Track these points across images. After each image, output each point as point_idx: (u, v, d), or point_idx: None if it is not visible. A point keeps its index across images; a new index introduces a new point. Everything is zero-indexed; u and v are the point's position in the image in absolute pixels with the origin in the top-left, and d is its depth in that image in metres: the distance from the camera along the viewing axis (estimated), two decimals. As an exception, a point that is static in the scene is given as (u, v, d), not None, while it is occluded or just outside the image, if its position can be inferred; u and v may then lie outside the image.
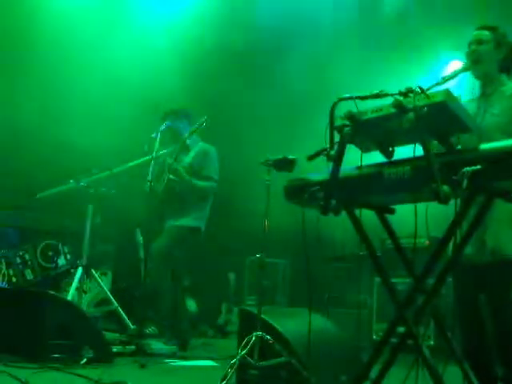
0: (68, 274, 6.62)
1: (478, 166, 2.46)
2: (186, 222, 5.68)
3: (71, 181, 5.54)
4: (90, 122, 6.74)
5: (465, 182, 2.47)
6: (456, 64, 3.39)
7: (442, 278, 2.84)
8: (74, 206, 6.09)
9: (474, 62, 3.38)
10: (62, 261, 6.81)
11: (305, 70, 7.38)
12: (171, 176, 5.52)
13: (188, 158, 5.76)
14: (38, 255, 6.71)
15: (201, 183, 5.68)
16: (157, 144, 5.15)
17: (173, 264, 5.66)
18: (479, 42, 3.40)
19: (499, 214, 3.20)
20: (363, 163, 2.93)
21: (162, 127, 5.31)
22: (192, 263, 6.95)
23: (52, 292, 4.80)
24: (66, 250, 6.88)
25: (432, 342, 5.77)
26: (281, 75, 7.55)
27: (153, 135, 5.19)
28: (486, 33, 3.42)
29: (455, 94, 2.66)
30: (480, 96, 3.51)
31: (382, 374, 2.98)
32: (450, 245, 2.84)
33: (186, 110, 5.93)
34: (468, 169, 2.47)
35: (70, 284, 5.39)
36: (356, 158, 2.91)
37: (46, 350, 4.21)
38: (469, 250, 3.26)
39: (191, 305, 7.12)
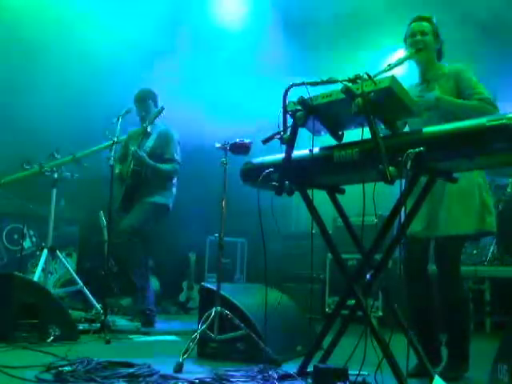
0: (34, 256, 6.55)
1: (421, 148, 2.50)
2: (156, 199, 5.61)
3: (35, 166, 5.41)
4: (54, 107, 6.60)
5: (409, 163, 2.50)
6: (401, 52, 3.42)
7: (388, 254, 2.89)
8: (39, 190, 5.96)
9: (419, 50, 3.43)
10: (27, 243, 6.71)
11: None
12: (135, 167, 5.48)
13: (150, 142, 5.66)
14: (4, 238, 6.61)
15: (164, 166, 5.60)
16: (118, 129, 5.08)
17: (143, 238, 5.59)
18: (423, 32, 3.47)
19: (451, 191, 3.26)
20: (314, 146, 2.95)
21: (122, 112, 5.22)
22: (156, 244, 6.92)
23: (18, 273, 4.70)
24: (32, 233, 6.77)
25: (380, 313, 5.87)
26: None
27: (113, 120, 5.11)
28: (426, 24, 3.50)
29: (400, 80, 2.69)
30: (421, 82, 3.57)
31: (333, 344, 3.03)
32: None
33: (151, 93, 5.82)
34: (412, 150, 2.50)
35: (36, 265, 5.29)
36: (307, 141, 2.92)
37: (14, 329, 4.14)
38: (418, 226, 3.32)
39: (154, 283, 7.07)
